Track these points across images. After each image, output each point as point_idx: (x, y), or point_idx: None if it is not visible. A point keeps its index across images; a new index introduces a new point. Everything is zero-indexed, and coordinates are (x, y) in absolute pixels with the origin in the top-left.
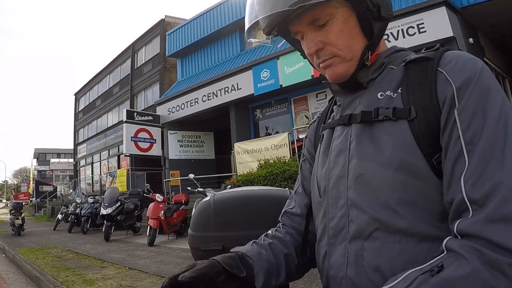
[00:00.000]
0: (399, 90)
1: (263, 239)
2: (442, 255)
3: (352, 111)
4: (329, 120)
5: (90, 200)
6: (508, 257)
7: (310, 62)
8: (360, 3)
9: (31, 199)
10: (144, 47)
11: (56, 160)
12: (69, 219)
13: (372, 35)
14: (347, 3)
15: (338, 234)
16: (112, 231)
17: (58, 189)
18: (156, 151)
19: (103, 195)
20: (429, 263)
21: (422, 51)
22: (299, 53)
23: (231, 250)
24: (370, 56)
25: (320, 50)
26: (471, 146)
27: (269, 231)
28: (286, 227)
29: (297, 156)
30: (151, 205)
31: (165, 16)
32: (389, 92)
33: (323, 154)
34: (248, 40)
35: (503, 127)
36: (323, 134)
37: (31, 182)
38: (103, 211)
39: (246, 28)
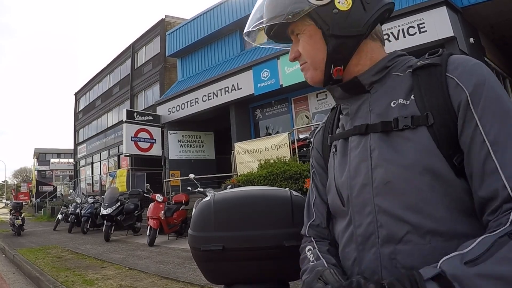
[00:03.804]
0: (411, 97)
1: (327, 258)
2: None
3: (365, 121)
4: (339, 130)
5: (90, 200)
6: None
7: None
8: (316, 22)
9: (31, 199)
10: (144, 47)
11: (56, 160)
12: (69, 219)
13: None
14: (313, 22)
15: (367, 240)
16: (112, 231)
17: (58, 189)
18: (156, 151)
19: (103, 195)
20: (499, 230)
21: (426, 56)
22: None
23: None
24: (333, 70)
25: (297, 57)
26: (497, 146)
27: (313, 248)
28: (320, 239)
29: (297, 156)
30: (151, 205)
31: (165, 16)
32: (401, 100)
33: (340, 164)
34: (249, 41)
35: None
36: (335, 145)
37: (33, 181)
38: (103, 211)
39: (246, 29)
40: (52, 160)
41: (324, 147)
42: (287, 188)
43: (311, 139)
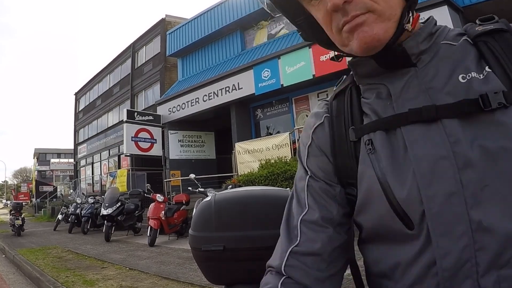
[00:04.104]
0: (486, 69)
1: None
2: None
3: (423, 102)
4: (368, 119)
5: (91, 200)
6: None
7: (320, 42)
8: None
9: (31, 199)
10: (144, 46)
11: (56, 160)
12: (69, 219)
13: None
14: None
15: (458, 271)
16: (112, 232)
17: (58, 189)
18: (156, 151)
19: (104, 195)
20: None
21: (478, 22)
22: (302, 38)
23: None
24: (412, 18)
25: (348, 3)
26: None
27: None
28: (293, 281)
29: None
30: (152, 205)
31: (166, 15)
32: (473, 73)
33: (393, 167)
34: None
35: None
36: (369, 140)
37: (33, 181)
38: (104, 212)
39: None
40: (52, 160)
41: (337, 146)
42: (288, 188)
43: None
